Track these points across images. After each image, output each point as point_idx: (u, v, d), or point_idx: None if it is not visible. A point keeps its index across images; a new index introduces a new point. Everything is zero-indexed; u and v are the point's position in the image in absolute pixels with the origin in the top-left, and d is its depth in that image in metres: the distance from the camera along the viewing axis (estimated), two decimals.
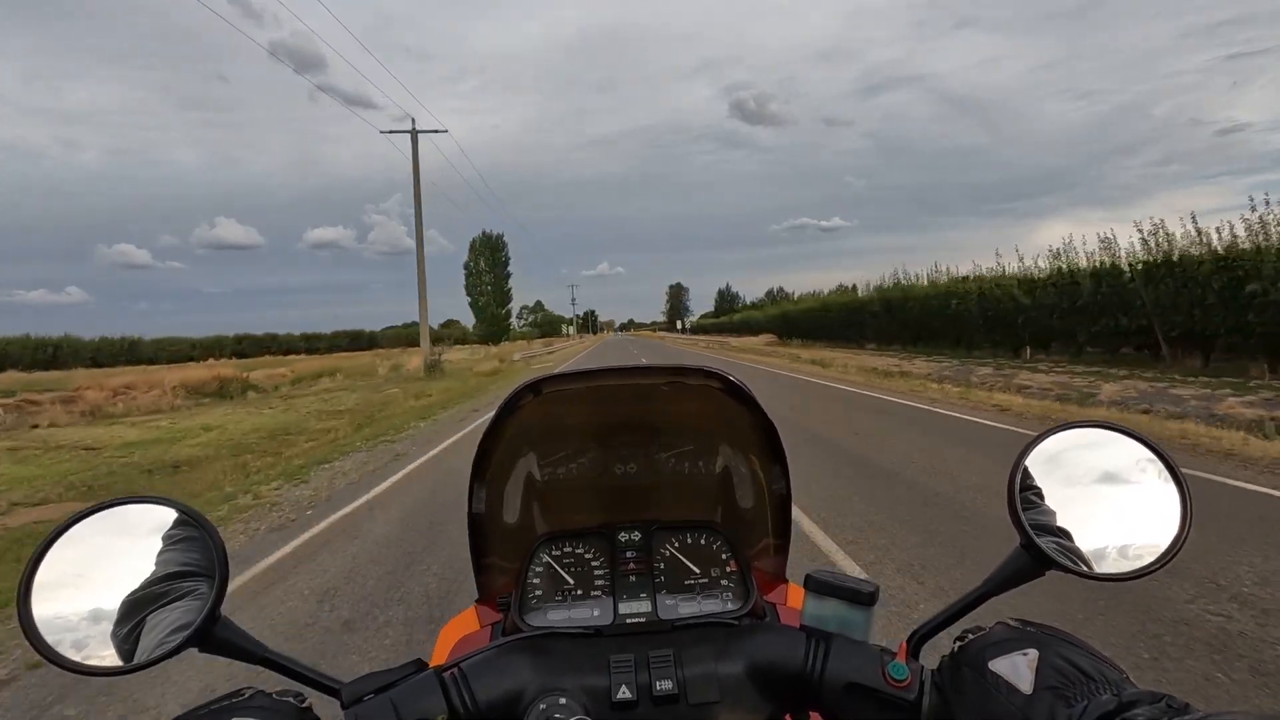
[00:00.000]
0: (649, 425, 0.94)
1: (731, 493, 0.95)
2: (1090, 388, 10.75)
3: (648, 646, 0.64)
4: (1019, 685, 0.48)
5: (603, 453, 0.95)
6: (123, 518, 0.57)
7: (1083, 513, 0.58)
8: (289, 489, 6.35)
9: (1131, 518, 0.57)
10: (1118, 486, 0.59)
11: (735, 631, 0.67)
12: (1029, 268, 18.41)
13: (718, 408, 0.86)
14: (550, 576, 0.82)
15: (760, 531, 0.92)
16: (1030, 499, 0.58)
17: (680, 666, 0.62)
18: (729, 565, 0.83)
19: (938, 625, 0.60)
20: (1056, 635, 0.51)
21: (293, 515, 5.38)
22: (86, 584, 0.54)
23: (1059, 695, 0.45)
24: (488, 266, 74.56)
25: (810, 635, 0.62)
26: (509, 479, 0.90)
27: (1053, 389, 10.80)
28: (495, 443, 0.83)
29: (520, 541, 0.87)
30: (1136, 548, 0.56)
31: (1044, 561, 0.55)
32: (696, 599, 0.80)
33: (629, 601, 0.79)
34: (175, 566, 0.55)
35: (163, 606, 0.54)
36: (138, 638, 0.53)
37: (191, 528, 0.57)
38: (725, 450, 0.95)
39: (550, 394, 0.82)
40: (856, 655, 0.59)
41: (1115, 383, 11.14)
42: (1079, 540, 0.57)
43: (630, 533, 0.86)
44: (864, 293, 29.96)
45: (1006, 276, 19.23)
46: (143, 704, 2.58)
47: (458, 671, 0.60)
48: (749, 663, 0.62)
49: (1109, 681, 0.46)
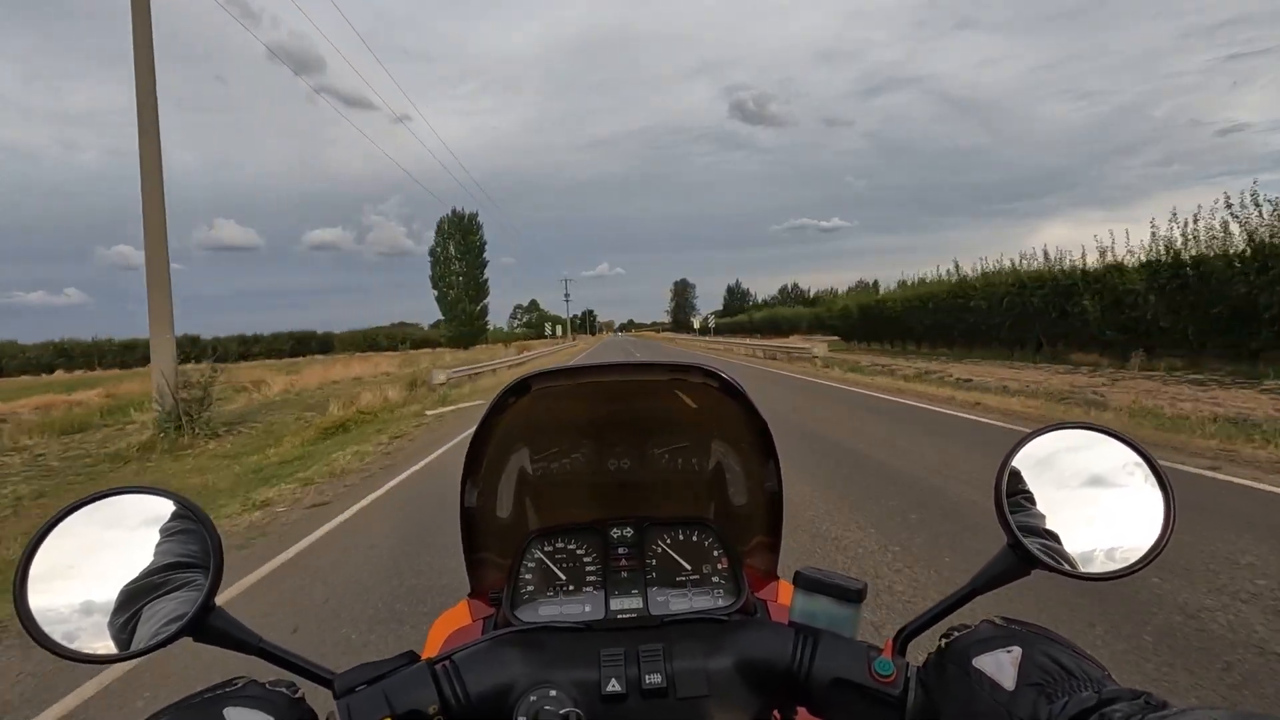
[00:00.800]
0: (642, 422, 0.95)
1: (724, 490, 0.96)
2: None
3: (638, 641, 0.65)
4: (1002, 682, 0.48)
5: (596, 449, 0.95)
6: (118, 508, 0.57)
7: (1068, 513, 0.59)
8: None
9: (1116, 518, 0.58)
10: (1103, 488, 0.60)
11: (725, 627, 0.67)
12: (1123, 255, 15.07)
13: (711, 404, 0.87)
14: (542, 572, 0.81)
15: (752, 528, 0.94)
16: (1018, 501, 0.59)
17: (670, 661, 0.62)
18: (720, 562, 0.83)
19: (924, 623, 0.61)
20: (1040, 634, 0.52)
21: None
22: (82, 574, 0.54)
23: (1041, 691, 0.46)
24: (459, 253, 60.63)
25: (799, 631, 0.63)
26: (502, 474, 0.91)
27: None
28: (487, 438, 0.84)
29: (512, 536, 0.87)
30: (1121, 548, 0.57)
31: (1030, 561, 0.56)
32: (688, 595, 0.79)
33: (620, 597, 0.78)
34: (171, 557, 0.56)
35: (158, 597, 0.54)
36: (134, 627, 0.53)
37: (187, 519, 0.57)
38: (718, 447, 0.95)
39: (543, 390, 0.83)
40: (843, 651, 0.60)
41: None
42: (1065, 540, 0.58)
43: (622, 529, 0.85)
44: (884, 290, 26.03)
45: (1124, 266, 15.28)
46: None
47: (449, 664, 0.60)
48: (738, 658, 0.63)
49: (1090, 679, 0.46)
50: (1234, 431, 6.69)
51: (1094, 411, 8.86)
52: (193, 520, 0.57)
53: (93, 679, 2.79)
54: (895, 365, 18.64)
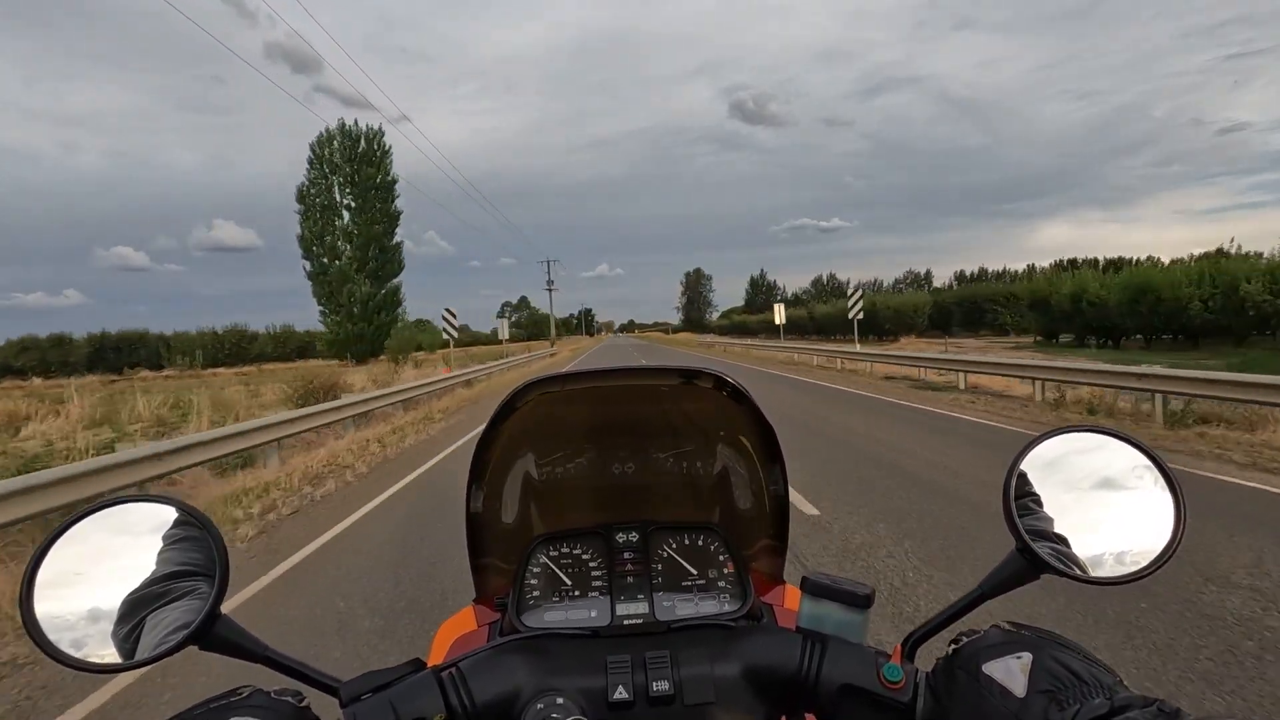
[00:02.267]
0: (646, 426, 0.94)
1: (729, 494, 0.95)
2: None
3: (644, 647, 0.64)
4: (1012, 688, 0.48)
5: (601, 453, 0.94)
6: (123, 517, 0.57)
7: (1078, 517, 0.58)
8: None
9: (1126, 522, 0.57)
10: (1113, 491, 0.59)
11: (731, 633, 0.67)
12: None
13: (716, 409, 0.87)
14: (548, 577, 0.81)
15: (758, 533, 0.92)
16: (1026, 504, 0.58)
17: (676, 667, 0.62)
18: (726, 566, 0.82)
19: (933, 628, 0.60)
20: (1050, 639, 0.52)
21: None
22: (88, 582, 0.54)
23: (1052, 698, 0.46)
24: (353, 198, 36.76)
25: (806, 637, 0.62)
26: (507, 479, 0.90)
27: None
28: (493, 443, 0.84)
29: (518, 542, 0.86)
30: (1131, 552, 0.56)
31: (1039, 565, 0.55)
32: (694, 600, 0.79)
33: (626, 602, 0.78)
34: (176, 565, 0.55)
35: (163, 605, 0.54)
36: (138, 636, 0.53)
37: (192, 527, 0.57)
38: (723, 451, 0.94)
39: (548, 395, 0.83)
40: (852, 657, 0.59)
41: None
42: (1074, 544, 0.57)
43: (628, 533, 0.84)
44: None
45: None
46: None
47: (455, 671, 0.60)
48: (745, 664, 0.62)
49: (1102, 685, 0.46)
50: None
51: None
52: (198, 529, 0.57)
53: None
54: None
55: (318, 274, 35.49)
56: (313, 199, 35.62)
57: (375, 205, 35.98)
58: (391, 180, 36.60)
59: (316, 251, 35.40)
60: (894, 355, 18.07)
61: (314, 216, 35.35)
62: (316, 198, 35.59)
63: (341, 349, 35.42)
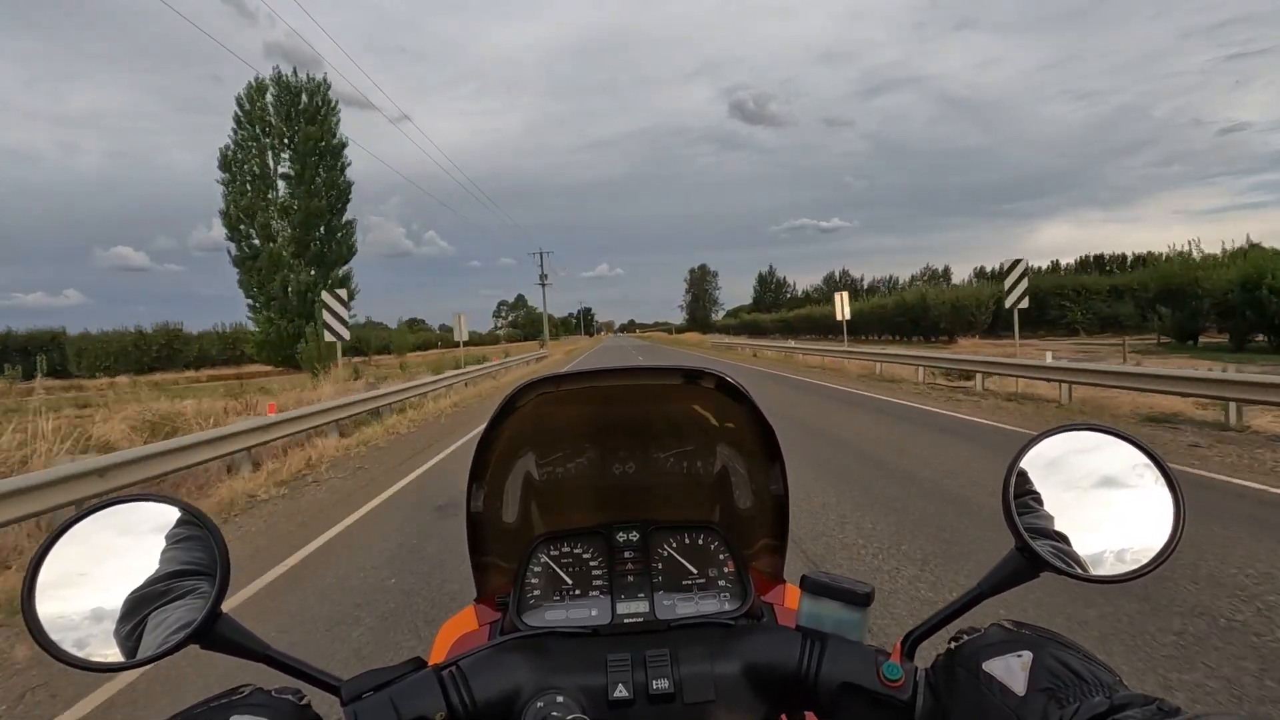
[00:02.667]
0: (647, 426, 0.94)
1: (729, 493, 0.95)
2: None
3: (644, 646, 0.64)
4: (1012, 686, 0.48)
5: (601, 453, 0.94)
6: (125, 516, 0.57)
7: (1077, 515, 0.58)
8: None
9: (1125, 520, 0.57)
10: (1112, 489, 0.59)
11: (731, 632, 0.67)
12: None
13: (716, 408, 0.88)
14: (548, 576, 0.81)
15: (758, 532, 0.93)
16: (1026, 502, 0.58)
17: (677, 666, 0.62)
18: (726, 565, 0.82)
19: (933, 626, 0.60)
20: (1051, 638, 0.52)
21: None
22: (90, 582, 0.54)
23: (1052, 697, 0.46)
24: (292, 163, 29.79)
25: (806, 636, 0.62)
26: (507, 479, 0.90)
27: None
28: (493, 443, 0.84)
29: (518, 541, 0.86)
30: (1131, 550, 0.56)
31: (1038, 564, 0.55)
32: (694, 599, 0.79)
33: (626, 601, 0.77)
34: (177, 565, 0.55)
35: (165, 604, 0.54)
36: (140, 635, 0.53)
37: (194, 526, 0.57)
38: (723, 450, 0.94)
39: (549, 394, 0.82)
40: (851, 656, 0.59)
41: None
42: (1074, 542, 0.57)
43: (628, 532, 0.84)
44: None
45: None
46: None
47: (456, 670, 0.60)
48: (745, 663, 0.62)
49: (1102, 684, 0.46)
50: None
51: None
52: (199, 528, 0.57)
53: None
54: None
55: (245, 259, 28.58)
56: (240, 165, 28.67)
57: (319, 174, 29.10)
58: (339, 144, 29.58)
59: (245, 231, 28.50)
60: (1112, 370, 9.33)
61: (241, 187, 28.47)
62: (245, 164, 28.68)
63: (273, 351, 28.56)
